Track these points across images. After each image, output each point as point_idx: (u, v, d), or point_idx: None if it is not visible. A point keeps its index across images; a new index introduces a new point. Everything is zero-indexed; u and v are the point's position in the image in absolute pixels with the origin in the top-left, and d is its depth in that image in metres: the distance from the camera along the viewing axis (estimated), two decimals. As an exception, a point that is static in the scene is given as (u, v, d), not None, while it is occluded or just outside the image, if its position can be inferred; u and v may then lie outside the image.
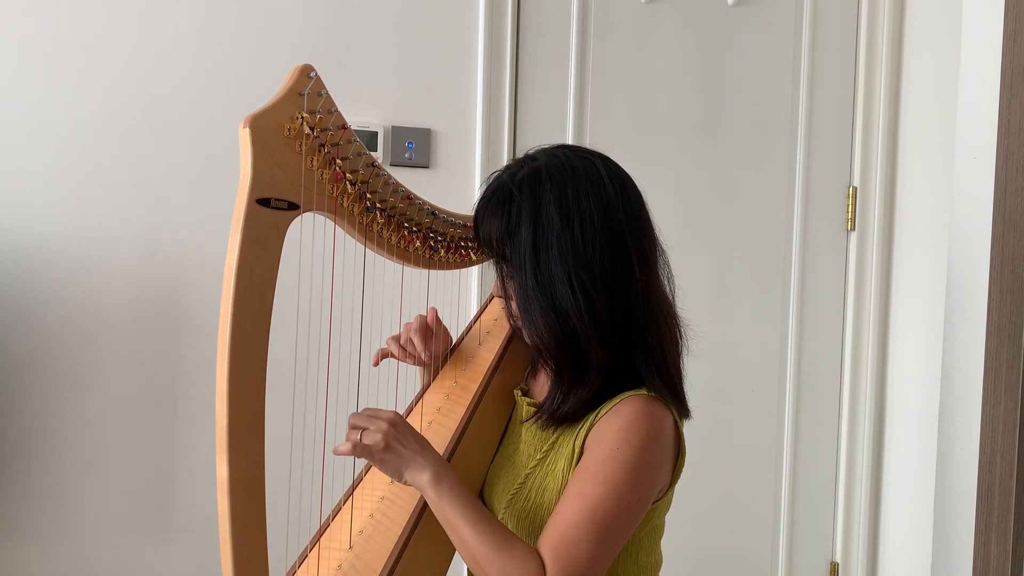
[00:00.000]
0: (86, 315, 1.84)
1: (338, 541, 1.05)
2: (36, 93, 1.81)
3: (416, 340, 1.19)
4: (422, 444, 0.98)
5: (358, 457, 0.96)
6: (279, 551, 0.97)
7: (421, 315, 1.22)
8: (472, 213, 1.11)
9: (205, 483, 1.90)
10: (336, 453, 0.95)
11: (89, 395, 1.85)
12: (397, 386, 1.30)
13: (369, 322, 1.24)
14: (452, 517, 0.95)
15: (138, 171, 1.86)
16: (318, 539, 1.06)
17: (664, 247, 1.09)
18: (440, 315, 1.26)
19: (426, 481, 0.95)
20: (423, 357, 1.19)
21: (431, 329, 1.22)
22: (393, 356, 1.22)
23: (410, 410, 1.23)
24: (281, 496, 1.07)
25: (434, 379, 1.25)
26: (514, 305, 1.08)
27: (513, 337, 1.24)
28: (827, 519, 2.34)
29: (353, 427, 0.97)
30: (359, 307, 1.15)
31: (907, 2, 2.24)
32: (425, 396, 1.22)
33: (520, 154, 1.09)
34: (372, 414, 0.98)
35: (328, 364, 1.06)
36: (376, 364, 1.20)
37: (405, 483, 0.97)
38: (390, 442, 0.95)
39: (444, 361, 1.27)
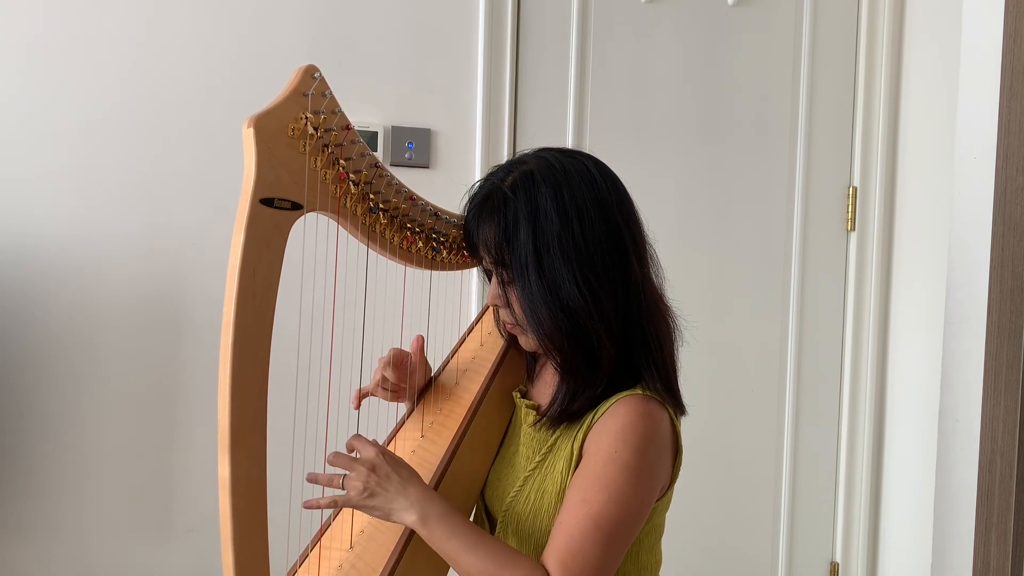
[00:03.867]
0: (86, 315, 1.84)
1: (339, 541, 1.05)
2: (35, 93, 1.81)
3: (389, 374, 1.16)
4: (403, 481, 0.96)
5: (341, 508, 0.96)
6: (280, 550, 0.97)
7: (395, 348, 1.18)
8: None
9: (206, 483, 1.90)
10: (318, 506, 0.95)
11: (89, 395, 1.85)
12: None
13: (371, 322, 1.24)
14: (449, 550, 0.95)
15: (138, 171, 1.86)
16: (319, 538, 1.06)
17: (651, 239, 1.09)
18: (441, 315, 1.26)
19: (413, 522, 0.95)
20: (397, 394, 1.17)
21: (408, 360, 1.18)
22: (378, 396, 1.20)
23: (410, 412, 1.23)
24: (282, 496, 1.07)
25: (435, 380, 1.25)
26: (507, 313, 1.08)
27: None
28: (827, 519, 2.35)
29: (331, 466, 0.97)
30: (361, 307, 1.15)
31: (907, 2, 2.25)
32: (427, 396, 1.22)
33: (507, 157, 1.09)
34: (353, 454, 0.98)
35: (330, 364, 1.06)
36: (356, 407, 1.15)
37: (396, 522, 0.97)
38: (372, 488, 0.94)
39: (444, 365, 1.27)
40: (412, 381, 1.19)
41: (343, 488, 0.95)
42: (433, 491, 0.99)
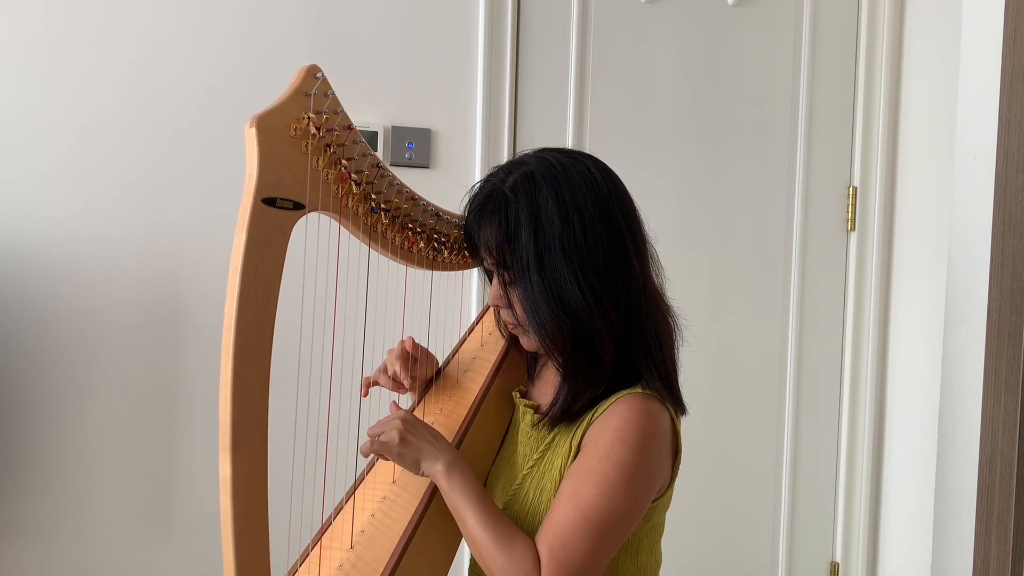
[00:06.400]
0: (87, 315, 1.84)
1: (339, 541, 1.05)
2: (34, 93, 1.81)
3: (398, 368, 1.18)
4: (435, 436, 1.04)
5: (377, 454, 1.02)
6: (281, 550, 0.97)
7: (402, 341, 1.21)
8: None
9: (206, 482, 1.90)
10: (362, 453, 1.02)
11: (90, 395, 1.85)
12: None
13: (372, 322, 1.24)
14: (460, 507, 1.00)
15: (138, 171, 1.86)
16: (319, 538, 1.06)
17: (651, 239, 1.09)
18: (442, 315, 1.26)
19: (439, 470, 1.01)
20: (405, 383, 1.19)
21: (413, 356, 1.20)
22: (381, 385, 1.21)
23: (412, 411, 1.23)
24: (283, 495, 1.07)
25: (436, 380, 1.25)
26: (509, 313, 1.08)
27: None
28: (827, 519, 2.35)
29: (372, 435, 1.02)
30: (362, 307, 1.15)
31: (907, 3, 2.25)
32: (428, 397, 1.22)
33: (507, 157, 1.09)
34: (385, 419, 1.03)
35: (331, 363, 1.06)
36: (365, 394, 1.19)
37: (423, 474, 1.02)
38: (405, 436, 1.01)
39: (444, 367, 1.27)
40: (415, 373, 1.21)
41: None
42: (460, 453, 1.05)
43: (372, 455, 1.04)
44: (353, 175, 0.97)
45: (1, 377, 1.80)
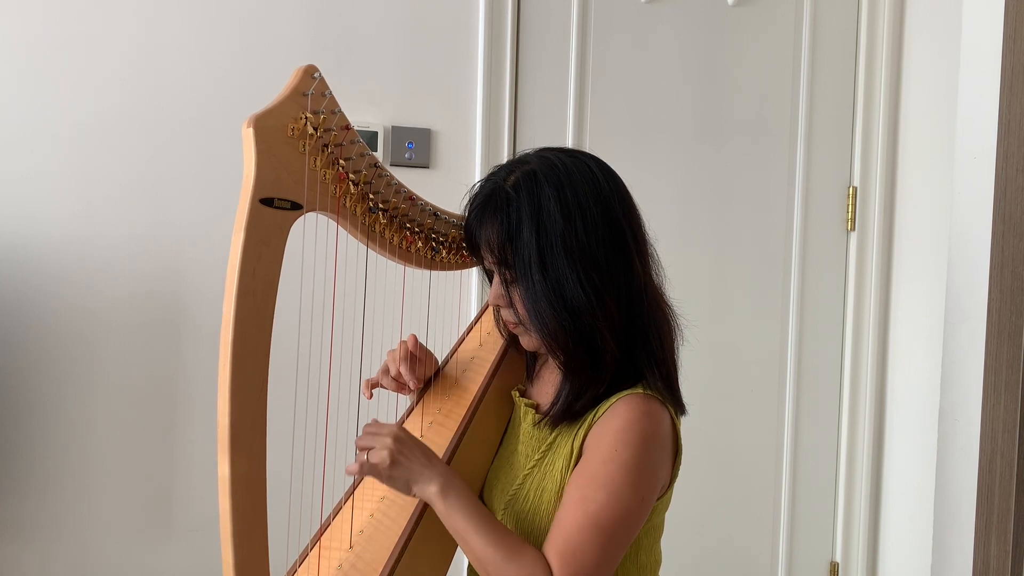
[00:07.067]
0: (86, 315, 1.84)
1: (339, 540, 1.05)
2: (34, 94, 1.81)
3: (402, 369, 1.17)
4: (428, 456, 1.00)
5: (367, 475, 0.98)
6: (280, 550, 0.97)
7: (404, 341, 1.20)
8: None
9: (207, 482, 1.90)
10: (347, 473, 0.98)
11: (90, 395, 1.85)
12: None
13: (371, 322, 1.24)
14: (461, 527, 0.97)
15: (138, 171, 1.86)
16: (319, 538, 1.06)
17: (651, 239, 1.09)
18: (441, 315, 1.26)
19: (434, 493, 0.98)
20: (410, 385, 1.18)
21: (415, 355, 1.20)
22: (384, 387, 1.20)
23: (411, 411, 1.23)
24: (282, 495, 1.07)
25: (436, 380, 1.25)
26: (510, 312, 1.08)
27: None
28: (827, 519, 2.35)
29: (361, 448, 0.99)
30: (361, 307, 1.15)
31: (907, 2, 2.25)
32: (427, 396, 1.22)
33: (505, 157, 1.09)
34: (375, 431, 1.00)
35: (330, 364, 1.06)
36: (369, 397, 1.18)
37: (414, 496, 1.00)
38: (396, 458, 0.97)
39: (443, 366, 1.27)
40: (417, 373, 1.19)
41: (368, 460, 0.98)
42: (453, 470, 1.01)
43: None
44: (351, 175, 0.97)
45: (1, 377, 1.80)
